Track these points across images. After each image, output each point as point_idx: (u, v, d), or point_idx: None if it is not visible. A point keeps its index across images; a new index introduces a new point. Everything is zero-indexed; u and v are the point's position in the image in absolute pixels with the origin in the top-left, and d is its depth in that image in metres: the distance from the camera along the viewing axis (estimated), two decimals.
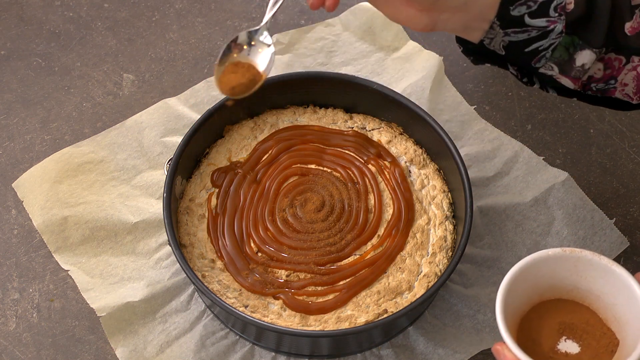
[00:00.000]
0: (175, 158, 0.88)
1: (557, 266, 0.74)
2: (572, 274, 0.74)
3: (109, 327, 0.86)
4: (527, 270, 0.73)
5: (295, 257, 0.87)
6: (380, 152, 0.94)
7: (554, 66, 0.74)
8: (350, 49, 1.08)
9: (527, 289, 0.74)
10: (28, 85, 1.05)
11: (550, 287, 0.75)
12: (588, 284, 0.74)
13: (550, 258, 0.73)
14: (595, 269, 0.73)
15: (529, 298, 0.75)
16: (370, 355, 0.87)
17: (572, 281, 0.75)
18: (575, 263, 0.74)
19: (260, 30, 0.78)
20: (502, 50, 0.75)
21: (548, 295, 0.75)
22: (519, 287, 0.73)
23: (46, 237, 0.92)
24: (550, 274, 0.74)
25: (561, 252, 0.73)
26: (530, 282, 0.74)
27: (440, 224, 0.90)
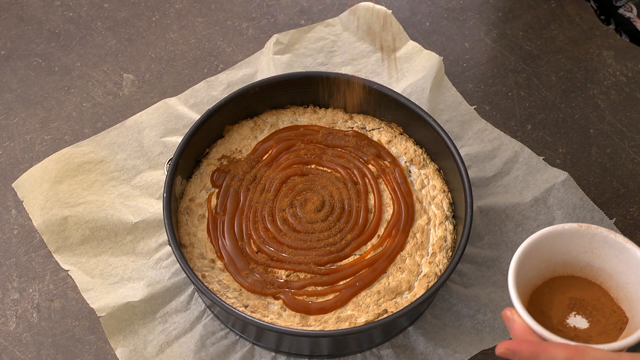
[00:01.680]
0: (175, 158, 0.88)
1: (572, 241, 0.74)
2: (587, 251, 0.74)
3: (109, 327, 0.86)
4: (542, 242, 0.73)
5: (295, 257, 0.87)
6: (380, 152, 0.95)
7: (634, 8, 0.71)
8: (350, 49, 1.08)
9: (540, 262, 0.74)
10: (28, 85, 1.05)
11: (563, 263, 0.75)
12: (602, 261, 0.74)
13: (566, 232, 0.73)
14: (610, 247, 0.73)
15: (542, 272, 0.75)
16: (370, 355, 0.87)
17: (585, 258, 0.75)
18: (590, 240, 0.73)
19: None
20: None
21: (561, 271, 0.75)
22: (533, 259, 0.73)
23: (46, 237, 0.92)
24: (565, 249, 0.74)
25: (577, 227, 0.73)
26: (544, 255, 0.74)
27: (440, 224, 0.90)
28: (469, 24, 1.12)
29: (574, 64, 1.08)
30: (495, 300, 0.90)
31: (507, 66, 1.08)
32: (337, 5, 1.13)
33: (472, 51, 1.09)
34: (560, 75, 1.07)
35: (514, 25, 1.12)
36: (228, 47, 1.09)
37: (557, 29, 1.11)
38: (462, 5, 1.14)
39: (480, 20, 1.12)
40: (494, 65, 1.08)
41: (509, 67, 1.08)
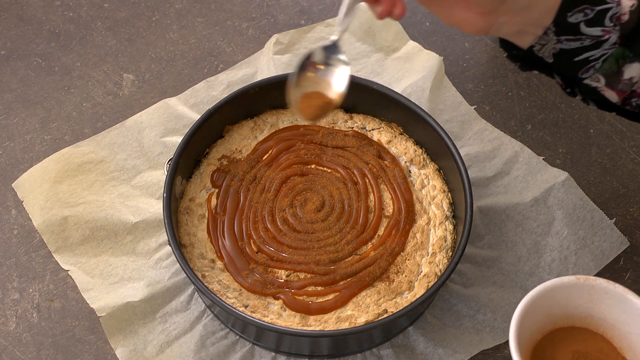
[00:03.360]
0: (175, 158, 0.88)
1: (571, 294, 0.73)
2: (586, 302, 0.74)
3: (109, 327, 0.86)
4: (541, 298, 0.73)
5: (295, 257, 0.87)
6: (380, 152, 0.95)
7: (602, 78, 0.73)
8: (350, 49, 1.08)
9: (540, 317, 0.74)
10: (28, 85, 1.05)
11: (563, 315, 0.75)
12: (602, 312, 0.74)
13: (565, 285, 0.73)
14: (610, 297, 0.72)
15: (542, 326, 0.74)
16: (370, 355, 0.87)
17: (586, 309, 0.74)
18: (589, 291, 0.73)
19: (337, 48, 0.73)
20: (551, 57, 0.73)
21: (561, 323, 0.75)
22: (533, 315, 0.72)
23: (46, 237, 0.92)
24: (564, 302, 0.74)
25: (575, 280, 0.73)
26: (543, 309, 0.73)
27: (440, 224, 0.90)
28: None
29: None
30: (495, 300, 0.90)
31: (507, 66, 1.08)
32: (337, 5, 1.13)
33: (472, 51, 1.09)
34: None
35: None
36: (228, 47, 1.09)
37: None
38: None
39: None
40: (494, 65, 1.08)
41: (509, 67, 1.08)
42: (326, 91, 0.74)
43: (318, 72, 0.73)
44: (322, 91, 0.74)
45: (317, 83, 0.74)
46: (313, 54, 0.74)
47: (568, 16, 0.70)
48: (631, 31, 0.71)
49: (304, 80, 0.73)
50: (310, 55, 0.74)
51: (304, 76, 0.73)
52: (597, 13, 0.70)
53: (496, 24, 0.72)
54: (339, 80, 0.75)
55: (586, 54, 0.72)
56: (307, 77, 0.73)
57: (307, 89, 0.74)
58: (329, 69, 0.73)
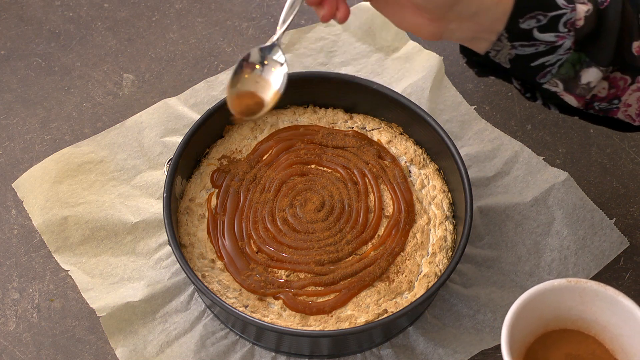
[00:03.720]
0: (175, 158, 0.88)
1: (562, 297, 0.73)
2: (578, 305, 0.74)
3: (109, 327, 0.86)
4: (532, 301, 0.72)
5: (295, 257, 0.87)
6: (380, 152, 0.95)
7: (559, 82, 0.73)
8: (350, 49, 1.08)
9: (532, 320, 0.74)
10: (28, 85, 1.05)
11: (555, 318, 0.75)
12: (594, 314, 0.74)
13: (556, 289, 0.73)
14: (601, 300, 0.72)
15: (534, 329, 0.74)
16: (370, 355, 0.87)
17: (577, 311, 0.74)
18: (581, 294, 0.73)
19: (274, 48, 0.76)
20: (508, 63, 0.74)
21: (553, 325, 0.75)
22: (524, 318, 0.72)
23: (46, 237, 0.92)
24: (556, 305, 0.74)
25: (566, 282, 0.73)
26: (535, 313, 0.73)
27: (440, 224, 0.90)
28: None
29: None
30: (495, 300, 0.90)
31: None
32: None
33: None
34: None
35: None
36: (228, 47, 1.09)
37: None
38: None
39: None
40: None
41: None
42: (261, 91, 0.76)
43: (255, 72, 0.76)
44: (255, 91, 0.76)
45: (255, 82, 0.76)
46: (250, 54, 0.76)
47: (520, 22, 0.70)
48: (586, 36, 0.71)
49: (240, 81, 0.75)
50: (247, 55, 0.76)
51: (240, 76, 0.75)
52: (550, 19, 0.70)
53: (448, 30, 0.72)
54: (275, 81, 0.76)
55: (542, 59, 0.72)
56: (243, 78, 0.75)
57: (242, 88, 0.76)
58: (266, 69, 0.76)
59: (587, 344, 0.74)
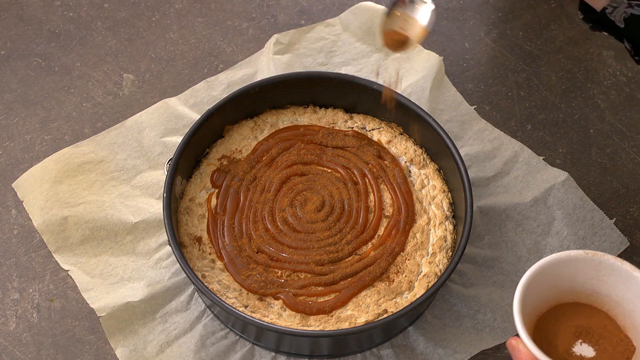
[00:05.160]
0: (175, 158, 0.88)
1: (578, 268, 0.73)
2: (593, 278, 0.73)
3: (109, 327, 0.86)
4: (547, 269, 0.72)
5: (295, 257, 0.87)
6: (380, 152, 0.95)
7: None
8: (350, 49, 1.08)
9: (545, 289, 0.73)
10: (28, 85, 1.05)
11: (569, 290, 0.74)
12: (608, 289, 0.73)
13: (572, 259, 0.73)
14: (616, 274, 0.72)
15: (547, 299, 0.74)
16: (370, 355, 0.87)
17: (592, 285, 0.74)
18: (597, 267, 0.73)
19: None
20: (622, 22, 0.74)
21: (566, 298, 0.75)
22: (538, 286, 0.72)
23: (46, 237, 0.92)
24: (571, 276, 0.73)
25: (583, 254, 0.72)
26: (549, 282, 0.73)
27: (440, 224, 0.90)
28: (469, 24, 1.12)
29: (574, 64, 1.08)
30: (495, 300, 0.90)
31: (507, 66, 1.08)
32: (337, 5, 1.13)
33: (472, 51, 1.09)
34: (560, 75, 1.07)
35: (514, 25, 1.12)
36: (228, 47, 1.09)
37: (557, 29, 1.11)
38: (462, 5, 1.14)
39: (480, 20, 1.13)
40: (494, 65, 1.08)
41: (509, 67, 1.08)
42: (409, 29, 0.82)
43: (405, 9, 0.82)
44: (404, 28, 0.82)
45: (404, 20, 0.82)
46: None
47: None
48: None
49: (392, 17, 0.81)
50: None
51: (392, 13, 0.81)
52: None
53: None
54: (423, 17, 0.81)
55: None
56: (394, 14, 0.81)
57: (392, 26, 0.82)
58: (413, 7, 0.82)
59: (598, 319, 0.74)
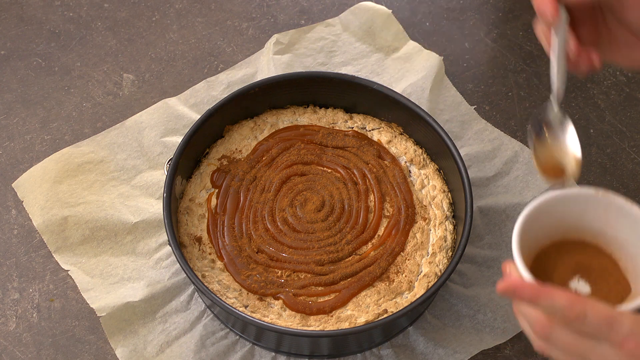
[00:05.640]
0: (175, 158, 0.88)
1: (586, 207, 0.72)
2: (601, 218, 0.73)
3: (109, 327, 0.86)
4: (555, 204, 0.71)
5: (295, 257, 0.87)
6: (380, 152, 0.95)
7: None
8: (350, 49, 1.08)
9: (551, 223, 0.72)
10: (28, 85, 1.05)
11: (575, 227, 0.73)
12: (615, 230, 0.72)
13: (582, 197, 0.72)
14: (625, 217, 0.71)
15: (552, 233, 0.73)
16: (370, 355, 0.87)
17: (599, 225, 0.73)
18: (606, 208, 0.72)
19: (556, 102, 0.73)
20: None
21: (572, 235, 0.74)
22: (543, 218, 0.71)
23: (46, 237, 0.92)
24: (578, 214, 0.72)
25: (594, 193, 0.72)
26: (556, 216, 0.72)
27: (440, 224, 0.90)
28: (469, 24, 1.12)
29: None
30: (495, 300, 0.90)
31: (507, 66, 1.08)
32: (337, 5, 1.13)
33: (472, 51, 1.09)
34: None
35: (514, 25, 1.12)
36: (228, 47, 1.09)
37: None
38: (462, 5, 1.14)
39: (480, 20, 1.13)
40: (494, 65, 1.08)
41: (509, 67, 1.08)
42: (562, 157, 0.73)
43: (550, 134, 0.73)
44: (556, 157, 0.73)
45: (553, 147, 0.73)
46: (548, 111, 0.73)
47: None
48: None
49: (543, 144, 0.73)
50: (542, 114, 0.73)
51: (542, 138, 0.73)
52: None
53: None
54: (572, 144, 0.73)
55: None
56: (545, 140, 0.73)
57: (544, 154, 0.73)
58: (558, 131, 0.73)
59: (601, 259, 0.73)
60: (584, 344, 0.61)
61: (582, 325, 0.59)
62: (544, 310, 0.60)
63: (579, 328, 0.60)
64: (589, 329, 0.59)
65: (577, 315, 0.59)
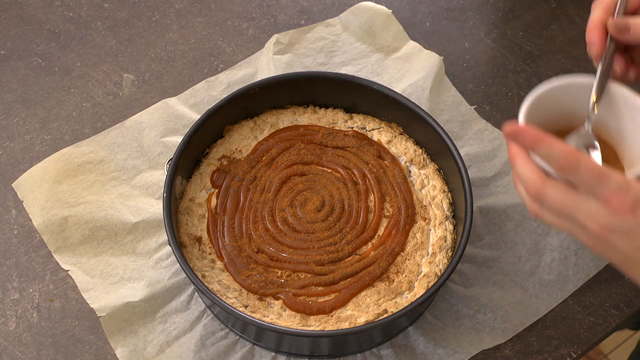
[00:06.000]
0: (175, 158, 0.88)
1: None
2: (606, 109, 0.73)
3: (109, 327, 0.86)
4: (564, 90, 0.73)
5: (295, 257, 0.87)
6: (380, 152, 0.95)
7: None
8: (350, 49, 1.08)
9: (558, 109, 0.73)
10: (28, 85, 1.05)
11: (580, 117, 0.74)
12: (618, 122, 0.73)
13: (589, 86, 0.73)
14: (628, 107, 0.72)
15: (558, 118, 0.74)
16: (370, 355, 0.87)
17: (604, 116, 0.74)
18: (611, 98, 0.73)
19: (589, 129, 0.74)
20: None
21: (577, 123, 0.74)
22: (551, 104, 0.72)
23: (46, 237, 0.92)
24: (585, 102, 0.73)
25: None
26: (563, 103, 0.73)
27: (440, 224, 0.90)
28: (469, 24, 1.12)
29: (574, 64, 1.08)
30: (495, 300, 0.90)
31: (507, 66, 1.08)
32: (337, 5, 1.13)
33: (472, 51, 1.09)
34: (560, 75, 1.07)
35: (514, 25, 1.12)
36: (228, 47, 1.09)
37: (557, 29, 1.11)
38: (462, 5, 1.14)
39: (480, 20, 1.13)
40: (494, 65, 1.08)
41: (509, 67, 1.08)
42: None
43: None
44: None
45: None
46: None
47: None
48: None
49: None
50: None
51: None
52: None
53: None
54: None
55: None
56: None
57: None
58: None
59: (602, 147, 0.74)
60: (573, 202, 0.63)
61: (574, 176, 0.62)
62: (542, 157, 0.63)
63: (571, 179, 0.62)
64: (580, 180, 0.62)
65: (571, 165, 0.61)
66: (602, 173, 0.61)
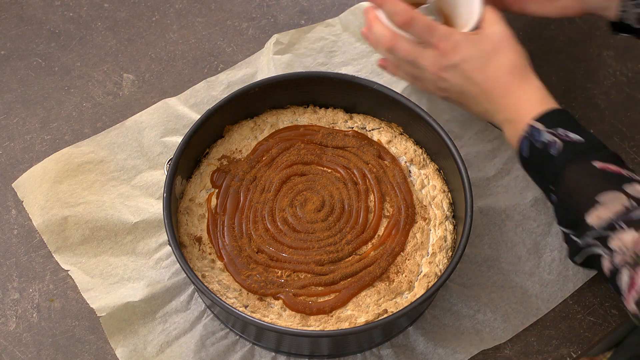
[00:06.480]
0: (175, 158, 0.88)
1: None
2: None
3: (109, 327, 0.86)
4: None
5: (295, 257, 0.87)
6: (380, 152, 0.95)
7: None
8: (350, 49, 1.08)
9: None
10: (28, 85, 1.05)
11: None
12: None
13: None
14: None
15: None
16: (370, 355, 0.87)
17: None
18: None
19: None
20: (637, 23, 0.87)
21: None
22: None
23: (46, 237, 0.92)
24: None
25: None
26: None
27: (440, 224, 0.90)
28: None
29: (574, 64, 1.08)
30: (495, 300, 0.90)
31: None
32: (337, 5, 1.13)
33: None
34: (560, 75, 1.07)
35: (514, 25, 1.12)
36: (228, 47, 1.09)
37: (557, 29, 1.11)
38: None
39: None
40: None
41: None
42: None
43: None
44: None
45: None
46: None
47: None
48: None
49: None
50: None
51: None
52: None
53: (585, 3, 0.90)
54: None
55: None
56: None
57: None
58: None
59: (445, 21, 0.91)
60: (415, 50, 0.85)
61: (411, 29, 0.83)
62: (387, 15, 0.84)
63: (409, 32, 0.84)
64: (416, 32, 0.83)
65: (407, 20, 0.82)
66: (431, 25, 0.83)
